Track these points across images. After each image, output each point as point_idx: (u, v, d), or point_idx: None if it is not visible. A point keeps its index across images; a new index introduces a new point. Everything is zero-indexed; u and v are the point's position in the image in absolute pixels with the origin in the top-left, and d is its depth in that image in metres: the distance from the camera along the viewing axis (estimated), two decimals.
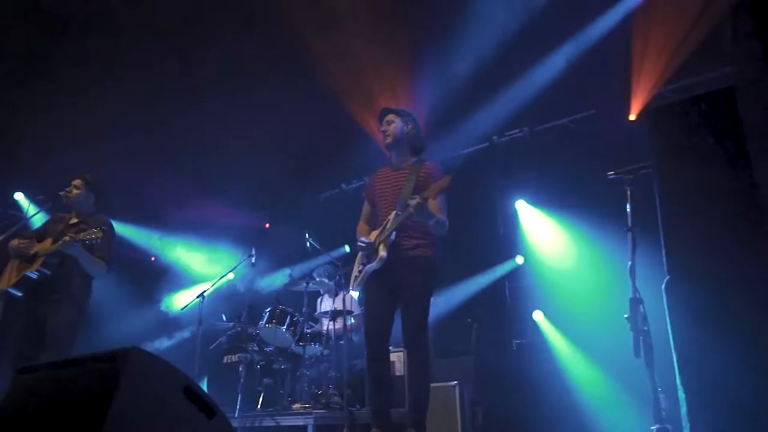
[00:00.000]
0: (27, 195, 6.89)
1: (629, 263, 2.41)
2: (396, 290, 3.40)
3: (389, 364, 3.53)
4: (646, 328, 2.24)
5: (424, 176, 3.46)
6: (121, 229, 6.70)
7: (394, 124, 3.59)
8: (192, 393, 1.76)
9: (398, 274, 3.37)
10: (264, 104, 6.05)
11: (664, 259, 2.32)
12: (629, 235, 2.46)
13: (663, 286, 2.30)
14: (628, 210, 2.51)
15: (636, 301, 2.28)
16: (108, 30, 5.11)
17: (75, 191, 3.98)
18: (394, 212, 3.42)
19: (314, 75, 5.54)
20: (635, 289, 2.33)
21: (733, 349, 2.00)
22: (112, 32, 5.16)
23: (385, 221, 3.47)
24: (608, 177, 2.69)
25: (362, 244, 3.49)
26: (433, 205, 3.34)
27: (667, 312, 2.25)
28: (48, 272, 3.69)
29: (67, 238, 3.55)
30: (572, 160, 6.03)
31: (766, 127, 2.00)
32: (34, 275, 3.65)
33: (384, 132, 3.61)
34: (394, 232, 3.36)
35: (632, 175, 2.54)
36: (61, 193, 3.94)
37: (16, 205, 7.09)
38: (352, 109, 6.08)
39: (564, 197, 6.03)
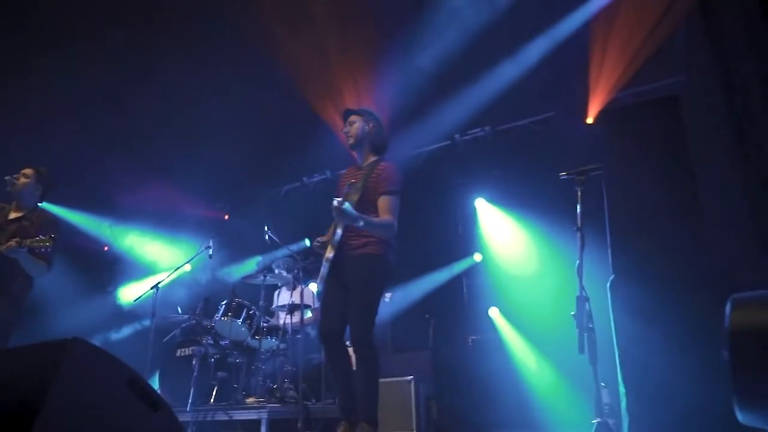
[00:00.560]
0: None
1: (577, 262, 2.48)
2: (344, 288, 3.42)
3: (348, 359, 3.54)
4: (591, 326, 2.31)
5: (376, 176, 3.46)
6: (72, 216, 6.50)
7: (356, 125, 3.61)
8: (136, 386, 1.72)
9: (346, 272, 3.39)
10: (227, 94, 5.97)
11: (610, 258, 2.40)
12: (578, 234, 2.52)
13: (608, 285, 2.38)
14: (578, 210, 2.57)
15: (582, 299, 2.35)
16: (58, 6, 4.92)
17: (23, 180, 3.80)
18: None
19: (278, 67, 5.49)
20: (582, 288, 2.40)
21: (671, 345, 2.09)
22: (62, 9, 4.97)
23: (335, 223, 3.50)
24: (560, 178, 2.75)
25: (317, 244, 3.50)
26: (381, 204, 3.35)
27: (611, 310, 2.33)
28: None
29: (13, 243, 3.40)
30: (531, 161, 6.15)
31: (709, 134, 2.09)
32: None
33: (346, 133, 3.63)
34: (339, 232, 3.37)
35: (583, 177, 2.61)
36: (7, 178, 3.76)
37: None
38: (316, 103, 6.05)
39: (521, 197, 6.15)
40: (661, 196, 2.27)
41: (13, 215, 3.82)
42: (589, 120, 5.89)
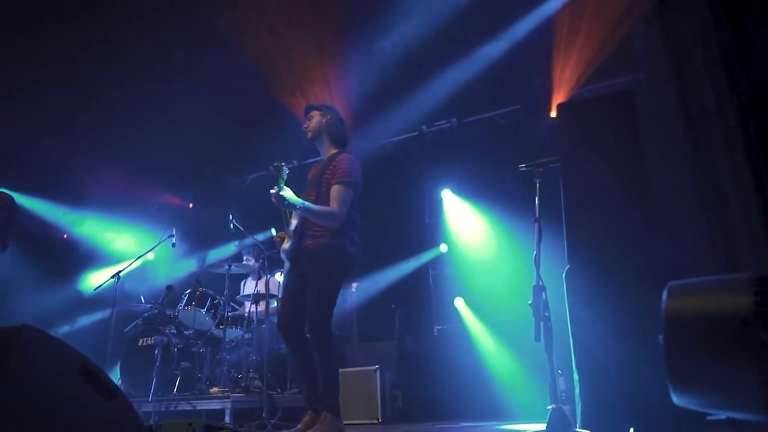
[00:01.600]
0: None
1: (535, 252, 2.54)
2: (302, 279, 3.45)
3: (309, 350, 3.55)
4: (547, 314, 2.37)
5: (332, 168, 3.49)
6: (29, 203, 6.31)
7: (314, 120, 3.68)
8: (90, 374, 1.71)
9: (303, 263, 3.43)
10: (192, 81, 5.85)
11: (566, 248, 2.46)
12: (536, 225, 2.58)
13: (563, 275, 2.44)
14: (536, 202, 2.64)
15: (538, 289, 2.41)
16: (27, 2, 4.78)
17: None
18: None
19: (244, 56, 5.42)
20: (539, 277, 2.46)
21: (620, 334, 2.16)
22: (30, 4, 4.83)
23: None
24: (520, 169, 2.81)
25: (278, 239, 3.53)
26: (332, 193, 3.37)
27: (566, 299, 2.40)
28: None
29: None
30: (496, 153, 6.23)
31: (657, 130, 2.16)
32: None
33: (305, 128, 3.70)
34: (293, 223, 3.42)
35: (542, 169, 2.66)
36: None
37: None
38: (283, 93, 6.00)
39: (485, 188, 6.24)
40: (614, 188, 2.34)
41: None
42: (553, 114, 6.00)
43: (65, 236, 7.87)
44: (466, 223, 6.59)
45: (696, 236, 2.66)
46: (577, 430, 2.21)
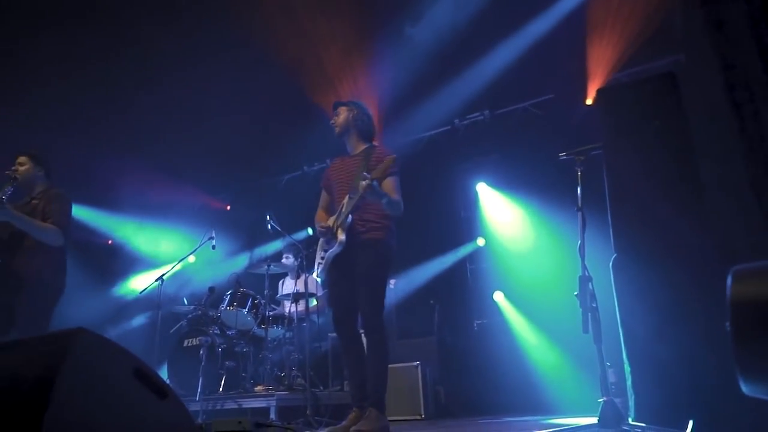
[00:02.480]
0: None
1: (579, 242, 2.48)
2: (353, 273, 3.46)
3: (362, 346, 3.59)
4: (594, 305, 2.32)
5: (376, 160, 3.53)
6: (75, 211, 6.51)
7: (341, 115, 3.72)
8: (142, 374, 1.73)
9: (353, 257, 3.45)
10: (225, 85, 5.94)
11: (612, 237, 2.39)
12: (579, 215, 2.52)
13: (610, 264, 2.38)
14: (579, 190, 2.57)
15: (585, 279, 2.35)
16: (60, 7, 4.91)
17: (22, 168, 3.80)
18: (347, 196, 3.49)
19: (276, 57, 5.47)
20: (584, 268, 2.40)
21: (675, 323, 2.09)
22: (64, 10, 4.96)
23: (341, 206, 3.53)
24: (560, 158, 2.75)
25: (322, 229, 3.54)
26: (387, 186, 3.44)
27: (614, 289, 2.33)
28: None
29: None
30: (532, 143, 6.13)
31: (708, 112, 2.07)
32: None
33: (333, 124, 3.75)
34: (350, 216, 3.43)
35: (583, 156, 2.61)
36: (7, 172, 3.75)
37: None
38: (314, 92, 6.04)
39: (523, 179, 6.14)
40: (661, 173, 2.26)
41: (27, 200, 3.82)
42: (589, 101, 5.87)
43: (109, 242, 8.10)
44: (502, 216, 6.51)
45: (748, 221, 2.55)
46: (630, 422, 2.15)
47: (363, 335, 3.60)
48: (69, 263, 3.84)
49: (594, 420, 2.25)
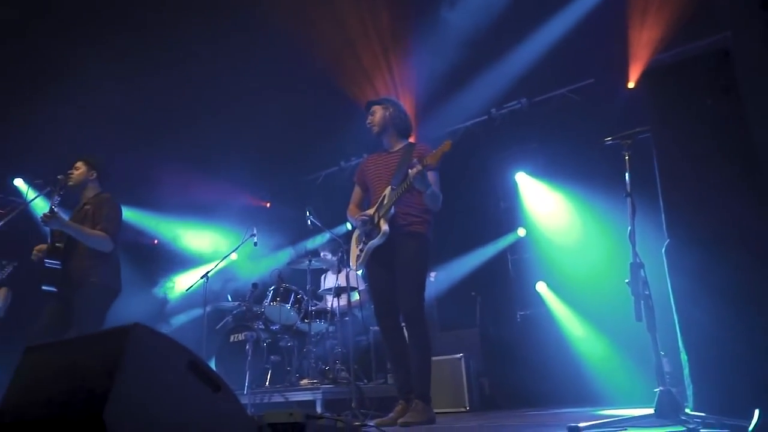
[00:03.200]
0: (26, 180, 6.89)
1: (629, 228, 2.41)
2: (393, 266, 3.47)
3: (404, 339, 3.60)
4: (647, 293, 2.25)
5: (419, 155, 3.53)
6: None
7: (377, 114, 3.74)
8: (196, 367, 1.77)
9: (394, 249, 3.46)
10: (262, 83, 6.00)
11: (664, 222, 2.31)
12: (628, 200, 2.45)
13: (663, 250, 2.30)
14: (627, 175, 2.50)
15: (636, 266, 2.28)
16: (112, 16, 5.06)
17: (76, 173, 3.95)
18: (389, 188, 3.49)
19: (312, 53, 5.49)
20: (635, 254, 2.33)
21: (733, 308, 2.01)
22: (114, 18, 5.11)
23: (381, 197, 3.54)
24: (606, 143, 2.67)
25: (365, 218, 3.54)
26: (431, 179, 3.44)
27: (667, 275, 2.26)
28: None
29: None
30: (572, 130, 6.00)
31: (763, 90, 1.97)
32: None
33: (369, 124, 3.77)
34: (393, 207, 3.42)
35: (630, 140, 2.52)
36: (59, 176, 3.89)
37: (16, 191, 7.11)
38: (348, 87, 6.04)
39: (564, 167, 6.02)
40: (715, 154, 2.17)
41: (80, 206, 3.97)
42: (631, 84, 5.70)
43: (155, 242, 8.32)
44: (543, 205, 6.40)
45: None
46: (688, 412, 2.08)
47: (404, 328, 3.61)
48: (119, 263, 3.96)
49: (650, 410, 2.18)
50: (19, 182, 7.15)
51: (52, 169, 4.04)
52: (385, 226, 3.42)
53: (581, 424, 2.12)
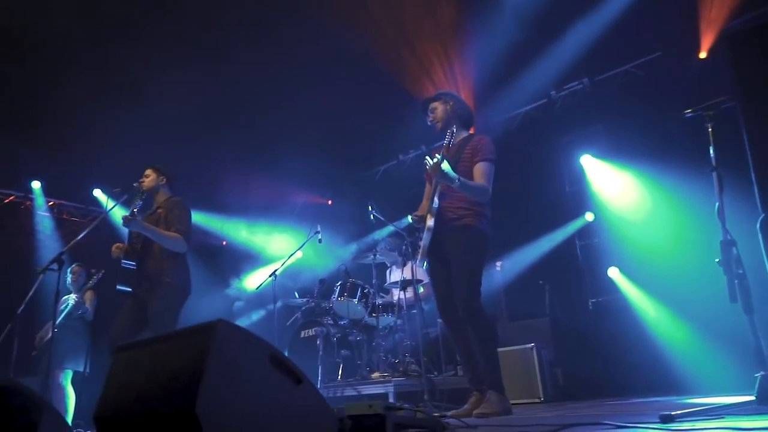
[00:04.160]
0: (104, 190, 7.26)
1: (717, 204, 2.26)
2: (448, 260, 3.43)
3: (467, 332, 3.55)
4: (741, 271, 2.10)
5: (472, 147, 3.50)
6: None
7: (438, 110, 3.70)
8: (278, 361, 1.79)
9: (446, 244, 3.42)
10: (318, 81, 6.05)
11: (757, 195, 2.16)
12: (714, 174, 2.29)
13: (758, 225, 2.15)
14: (711, 149, 2.34)
15: (728, 244, 2.13)
16: (176, 31, 5.25)
17: (147, 180, 4.15)
18: (435, 181, 3.47)
19: (367, 48, 5.48)
20: (726, 231, 2.18)
21: None
22: (179, 32, 5.30)
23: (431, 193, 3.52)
24: (685, 116, 2.51)
25: (416, 218, 3.54)
26: (477, 171, 3.42)
27: (764, 251, 2.11)
28: None
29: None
30: (637, 107, 5.73)
31: None
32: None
33: (432, 121, 3.73)
34: (435, 200, 3.40)
35: (712, 111, 2.36)
36: (135, 184, 4.12)
37: (95, 201, 7.51)
38: (404, 79, 6.01)
39: (631, 146, 5.75)
40: None
41: (153, 210, 4.17)
42: (703, 54, 5.38)
43: (224, 243, 8.59)
44: (612, 187, 6.14)
45: None
46: None
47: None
48: (192, 264, 4.12)
49: (750, 397, 2.04)
50: (98, 192, 7.54)
51: (125, 178, 4.24)
52: (430, 222, 3.38)
53: (674, 413, 2.00)
